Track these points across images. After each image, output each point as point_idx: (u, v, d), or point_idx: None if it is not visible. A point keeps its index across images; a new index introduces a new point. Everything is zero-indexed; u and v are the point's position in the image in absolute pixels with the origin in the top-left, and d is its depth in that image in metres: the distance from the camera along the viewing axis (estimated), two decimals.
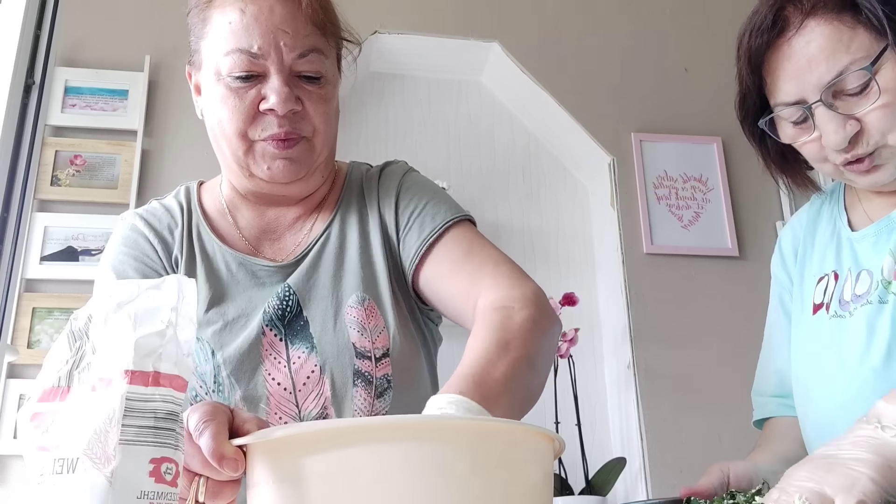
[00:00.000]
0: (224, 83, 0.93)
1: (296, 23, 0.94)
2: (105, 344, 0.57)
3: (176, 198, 1.08)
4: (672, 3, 2.89)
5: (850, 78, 0.90)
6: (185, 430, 0.60)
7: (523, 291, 0.90)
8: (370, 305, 0.98)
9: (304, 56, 0.94)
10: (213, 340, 0.96)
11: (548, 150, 2.86)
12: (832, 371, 0.96)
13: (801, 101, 0.94)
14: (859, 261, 0.98)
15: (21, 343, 2.18)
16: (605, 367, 2.63)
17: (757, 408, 1.13)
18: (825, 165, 0.97)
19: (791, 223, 1.15)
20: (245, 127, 0.94)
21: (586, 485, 2.16)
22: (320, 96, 0.96)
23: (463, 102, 2.87)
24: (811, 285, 1.05)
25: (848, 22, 0.90)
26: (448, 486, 0.52)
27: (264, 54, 0.92)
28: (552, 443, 0.60)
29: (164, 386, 0.56)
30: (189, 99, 1.05)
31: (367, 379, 0.96)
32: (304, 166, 0.97)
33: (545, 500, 0.58)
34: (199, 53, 0.98)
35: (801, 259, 1.09)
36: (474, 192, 2.71)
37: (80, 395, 0.56)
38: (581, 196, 2.84)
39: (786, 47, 0.94)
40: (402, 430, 0.53)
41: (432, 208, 1.01)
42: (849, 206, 1.06)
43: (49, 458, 0.54)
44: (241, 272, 1.00)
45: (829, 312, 1.00)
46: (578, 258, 2.76)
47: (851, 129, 0.91)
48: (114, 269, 0.99)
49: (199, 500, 0.61)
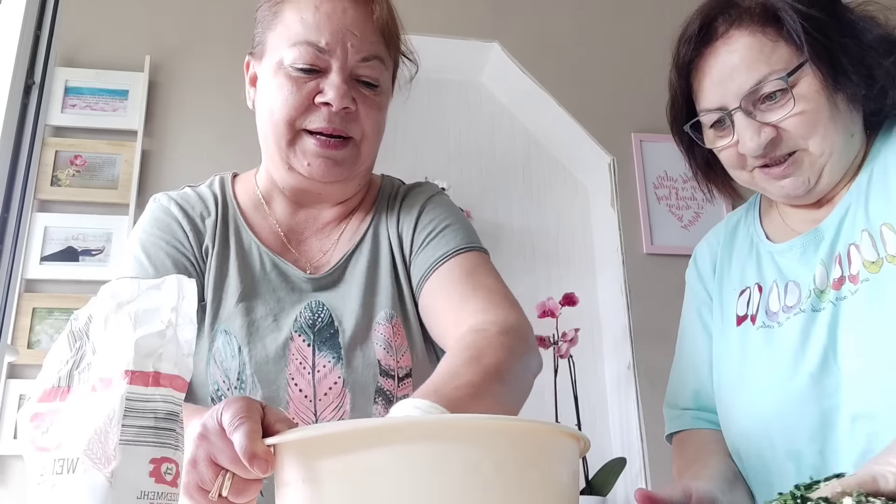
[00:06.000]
0: (284, 73, 0.95)
1: (365, 28, 0.97)
2: (105, 344, 0.57)
3: (210, 188, 1.07)
4: (672, 3, 2.89)
5: (768, 87, 0.94)
6: (217, 423, 0.61)
7: (506, 318, 0.89)
8: (397, 323, 0.99)
9: (367, 61, 0.96)
10: (241, 336, 0.95)
11: (548, 150, 2.86)
12: (763, 380, 0.97)
13: (722, 107, 0.98)
14: (784, 273, 1.01)
15: (21, 343, 2.18)
16: (605, 367, 2.63)
17: (670, 420, 1.12)
18: (741, 173, 1.01)
19: (707, 238, 1.19)
20: (296, 115, 0.95)
21: (586, 485, 2.15)
22: (374, 103, 0.98)
23: (463, 102, 2.87)
24: (732, 298, 1.07)
25: (771, 35, 0.94)
26: (475, 486, 0.52)
27: (330, 50, 0.95)
28: (578, 442, 0.60)
29: (164, 386, 0.56)
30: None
31: (387, 398, 0.95)
32: (347, 169, 0.98)
33: (571, 500, 0.58)
34: (264, 45, 1.00)
35: (719, 274, 1.12)
36: (474, 192, 2.71)
37: (81, 396, 0.56)
38: (581, 196, 2.84)
39: (711, 56, 0.98)
40: (432, 430, 0.54)
41: (449, 233, 1.01)
42: (765, 220, 1.09)
43: (49, 458, 0.54)
44: (274, 273, 1.00)
45: (756, 323, 1.01)
46: (578, 258, 2.76)
47: (766, 136, 0.94)
48: (144, 249, 0.99)
49: (223, 495, 0.61)
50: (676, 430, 1.11)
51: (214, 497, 0.61)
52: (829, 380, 0.91)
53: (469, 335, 0.86)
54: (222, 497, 0.61)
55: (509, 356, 0.83)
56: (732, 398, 1.02)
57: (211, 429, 0.61)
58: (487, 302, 0.92)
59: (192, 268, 0.99)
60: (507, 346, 0.84)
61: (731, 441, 1.02)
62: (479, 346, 0.82)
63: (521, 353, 0.86)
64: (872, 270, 0.91)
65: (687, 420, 1.09)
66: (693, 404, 1.09)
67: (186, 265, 0.99)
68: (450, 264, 0.98)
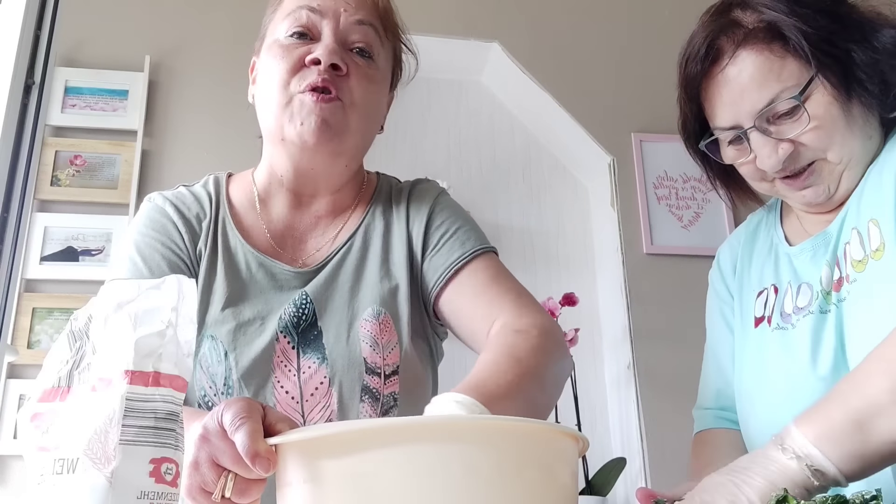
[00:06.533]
0: (278, 44, 0.97)
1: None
2: (105, 344, 0.57)
3: (205, 187, 1.06)
4: (672, 3, 2.89)
5: (781, 105, 0.93)
6: (218, 425, 0.61)
7: (542, 322, 0.92)
8: (385, 320, 0.98)
9: (360, 24, 0.98)
10: (227, 341, 0.95)
11: (548, 150, 2.86)
12: (778, 382, 0.97)
13: (736, 126, 0.98)
14: (798, 274, 1.01)
15: (21, 343, 2.18)
16: (605, 367, 2.63)
17: (695, 421, 1.14)
18: (762, 184, 1.02)
19: (729, 240, 1.19)
20: (288, 78, 0.95)
21: (586, 485, 2.15)
22: (366, 73, 0.99)
23: (463, 102, 2.87)
24: (751, 299, 1.07)
25: (778, 52, 0.94)
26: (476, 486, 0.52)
27: (323, 11, 0.97)
28: (577, 442, 0.60)
29: (164, 386, 0.56)
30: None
31: (374, 395, 0.95)
32: (335, 131, 0.96)
33: (571, 500, 0.58)
34: (264, 35, 1.02)
35: (739, 274, 1.12)
36: (474, 192, 2.71)
37: (80, 396, 0.56)
38: (581, 196, 2.84)
39: (720, 76, 0.98)
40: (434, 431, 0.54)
41: (463, 234, 1.03)
42: (785, 222, 1.09)
43: (49, 458, 0.54)
44: (261, 273, 0.99)
45: (772, 325, 1.02)
46: (578, 258, 2.76)
47: (784, 152, 0.94)
48: (139, 251, 0.98)
49: (226, 496, 0.61)
50: (699, 430, 1.12)
51: (217, 498, 0.61)
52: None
53: (510, 336, 0.88)
54: (225, 498, 0.61)
55: (549, 360, 0.87)
56: (750, 399, 1.02)
57: (212, 430, 0.61)
58: (520, 306, 0.94)
59: (187, 269, 0.99)
60: (546, 349, 0.87)
61: (750, 441, 1.02)
62: (520, 347, 0.85)
63: (558, 356, 0.90)
64: (859, 269, 0.91)
65: (709, 419, 1.10)
66: (714, 403, 1.10)
67: (181, 266, 0.98)
68: (472, 267, 1.00)
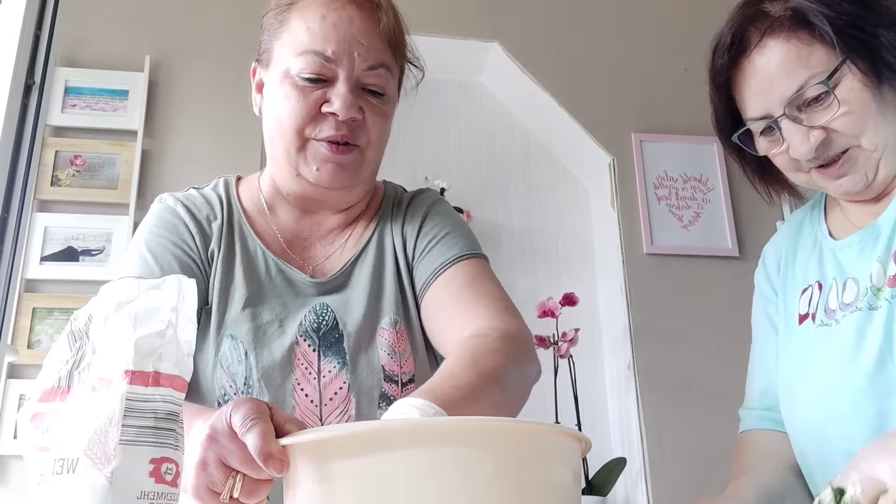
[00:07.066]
0: (291, 82, 0.96)
1: (371, 37, 0.97)
2: (105, 344, 0.57)
3: (215, 190, 1.07)
4: (672, 3, 2.89)
5: (810, 91, 0.93)
6: (227, 425, 0.61)
7: (508, 325, 0.90)
8: (401, 329, 0.99)
9: (374, 69, 0.97)
10: (247, 341, 0.95)
11: (548, 150, 2.86)
12: (820, 379, 0.96)
13: (767, 115, 0.97)
14: (844, 269, 0.99)
15: (21, 343, 2.18)
16: (605, 367, 2.63)
17: (741, 420, 1.13)
18: (798, 175, 1.00)
19: (774, 238, 1.18)
20: (304, 124, 0.95)
21: (586, 485, 2.16)
22: (381, 111, 1.00)
23: (463, 102, 2.87)
24: (795, 297, 1.06)
25: (805, 39, 0.93)
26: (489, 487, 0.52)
27: (337, 60, 0.95)
28: (579, 443, 0.60)
29: (164, 386, 0.56)
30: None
31: (391, 403, 0.95)
32: (352, 175, 0.99)
33: (573, 501, 0.58)
34: (270, 53, 1.00)
35: (783, 271, 1.11)
36: (474, 192, 2.71)
37: (80, 396, 0.56)
38: (581, 196, 2.84)
39: (748, 66, 0.97)
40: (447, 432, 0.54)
41: (450, 240, 1.02)
42: (829, 217, 1.08)
43: (49, 458, 0.54)
44: (280, 278, 1.00)
45: (816, 322, 1.00)
46: (578, 258, 2.76)
47: (816, 139, 0.93)
48: (150, 249, 0.98)
49: (234, 496, 0.61)
50: (743, 430, 1.11)
51: (226, 499, 0.61)
52: (884, 380, 0.89)
53: (469, 340, 0.86)
54: (233, 498, 0.61)
55: (508, 362, 0.84)
56: (793, 398, 1.01)
57: (220, 431, 0.61)
58: (489, 309, 0.93)
59: (198, 270, 0.99)
60: (506, 351, 0.85)
61: (794, 440, 1.01)
62: (478, 351, 0.83)
63: (520, 359, 0.87)
64: None
65: (753, 420, 1.09)
66: (759, 403, 1.09)
67: (192, 267, 0.99)
68: (452, 271, 0.99)
